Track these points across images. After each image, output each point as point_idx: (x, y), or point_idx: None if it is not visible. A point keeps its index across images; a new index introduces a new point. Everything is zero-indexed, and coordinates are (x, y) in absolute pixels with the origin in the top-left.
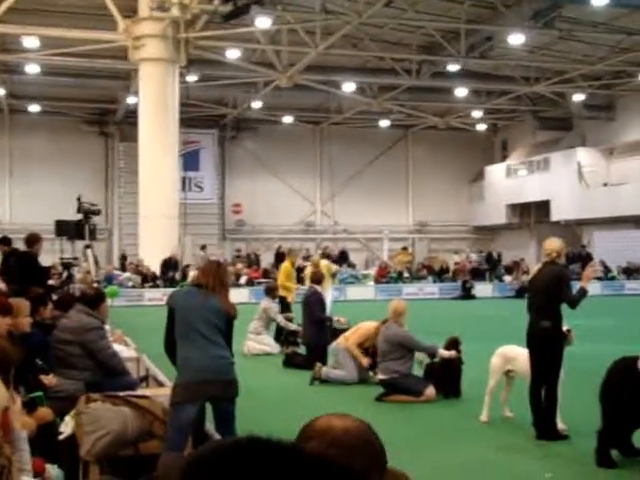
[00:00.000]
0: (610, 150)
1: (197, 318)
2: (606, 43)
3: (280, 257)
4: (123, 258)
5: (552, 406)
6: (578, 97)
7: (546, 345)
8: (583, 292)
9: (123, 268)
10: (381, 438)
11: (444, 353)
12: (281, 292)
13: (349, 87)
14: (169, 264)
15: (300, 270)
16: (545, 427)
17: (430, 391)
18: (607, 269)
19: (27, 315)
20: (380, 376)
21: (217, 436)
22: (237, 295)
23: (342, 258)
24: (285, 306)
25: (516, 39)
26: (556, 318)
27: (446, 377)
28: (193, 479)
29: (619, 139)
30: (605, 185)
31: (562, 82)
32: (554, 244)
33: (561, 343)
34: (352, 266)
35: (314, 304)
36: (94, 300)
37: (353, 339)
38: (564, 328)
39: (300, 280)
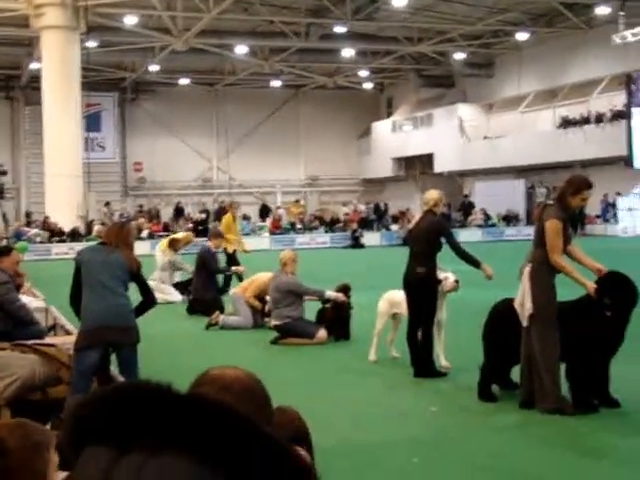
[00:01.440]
0: (489, 105)
1: (100, 270)
2: (485, 4)
3: (179, 212)
4: (28, 215)
5: (428, 346)
6: (459, 56)
7: (420, 290)
8: (477, 263)
9: (28, 224)
10: (275, 377)
11: (331, 294)
12: (222, 244)
13: (242, 50)
14: (74, 235)
15: (200, 223)
16: (422, 365)
17: (322, 334)
18: (488, 217)
19: None
20: (274, 322)
21: (122, 379)
22: (139, 248)
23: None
24: (228, 257)
25: (399, 1)
26: (430, 265)
27: (337, 320)
28: (79, 419)
29: (498, 95)
30: (485, 138)
31: (444, 42)
32: (431, 194)
33: (434, 288)
34: (248, 219)
35: (210, 258)
36: None
37: (250, 291)
38: (452, 278)
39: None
